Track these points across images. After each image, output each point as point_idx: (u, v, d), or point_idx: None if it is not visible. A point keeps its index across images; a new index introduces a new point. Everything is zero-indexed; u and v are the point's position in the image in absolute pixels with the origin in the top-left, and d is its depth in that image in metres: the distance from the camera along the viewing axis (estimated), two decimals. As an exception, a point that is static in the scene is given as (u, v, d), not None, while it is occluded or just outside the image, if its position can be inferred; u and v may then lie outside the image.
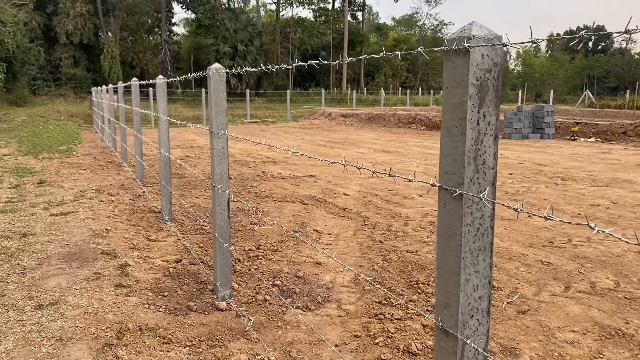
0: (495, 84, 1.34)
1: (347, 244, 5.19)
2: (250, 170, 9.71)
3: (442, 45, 1.38)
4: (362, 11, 63.40)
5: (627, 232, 5.61)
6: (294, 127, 23.42)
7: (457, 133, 1.34)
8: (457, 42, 1.31)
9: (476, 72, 1.31)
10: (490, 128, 1.35)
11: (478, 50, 1.30)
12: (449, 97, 1.36)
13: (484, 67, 1.32)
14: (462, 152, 1.33)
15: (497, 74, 1.34)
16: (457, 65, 1.33)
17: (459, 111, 1.33)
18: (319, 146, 14.70)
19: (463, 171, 1.33)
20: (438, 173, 1.43)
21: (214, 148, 3.59)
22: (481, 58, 1.31)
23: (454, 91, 1.34)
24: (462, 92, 1.32)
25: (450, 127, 1.36)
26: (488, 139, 1.35)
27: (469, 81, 1.30)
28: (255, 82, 48.54)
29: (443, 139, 1.39)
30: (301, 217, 6.16)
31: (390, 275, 4.34)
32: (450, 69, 1.35)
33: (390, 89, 51.94)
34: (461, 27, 1.34)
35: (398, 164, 10.91)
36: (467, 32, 1.30)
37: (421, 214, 6.40)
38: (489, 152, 1.36)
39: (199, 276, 4.23)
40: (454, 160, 1.36)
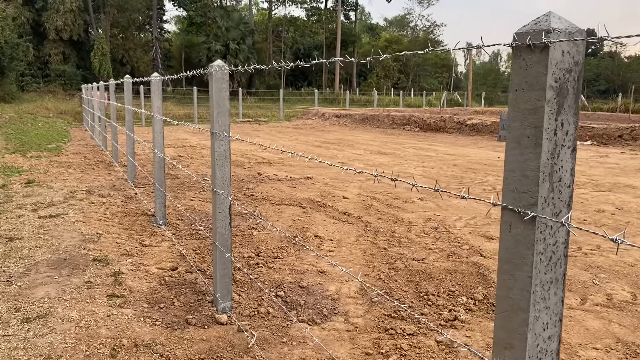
0: (575, 87, 1.13)
1: (350, 251, 4.98)
2: (246, 172, 9.47)
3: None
4: (354, 11, 63.24)
5: (638, 240, 5.45)
6: (288, 127, 23.18)
7: (529, 144, 1.13)
8: (531, 36, 1.10)
9: (555, 73, 1.10)
10: (568, 139, 1.14)
11: (558, 46, 1.09)
12: (518, 101, 1.15)
13: (564, 66, 1.10)
14: (536, 167, 1.12)
15: (577, 75, 1.13)
16: (531, 63, 1.11)
17: (532, 118, 1.12)
18: (314, 147, 14.48)
19: (537, 190, 1.12)
20: (502, 191, 1.21)
21: (216, 151, 3.36)
22: (561, 56, 1.10)
23: (526, 94, 1.13)
24: (537, 95, 1.11)
25: (519, 137, 1.15)
26: (565, 152, 1.14)
27: (547, 83, 1.09)
28: (247, 81, 48.21)
29: (510, 151, 1.18)
30: (301, 222, 5.94)
31: (397, 285, 4.13)
32: (521, 69, 1.14)
33: (383, 89, 51.81)
34: (534, 19, 1.13)
35: (396, 166, 10.72)
36: (544, 24, 1.09)
37: (424, 219, 6.20)
38: (566, 168, 1.15)
39: (196, 286, 3.99)
40: (524, 177, 1.14)
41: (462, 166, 10.77)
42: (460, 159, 12.07)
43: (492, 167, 10.71)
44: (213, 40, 46.19)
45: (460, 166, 10.77)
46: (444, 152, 13.46)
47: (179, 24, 60.78)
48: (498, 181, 8.89)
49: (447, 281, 4.20)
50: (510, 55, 19.58)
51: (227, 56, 45.06)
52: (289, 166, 10.34)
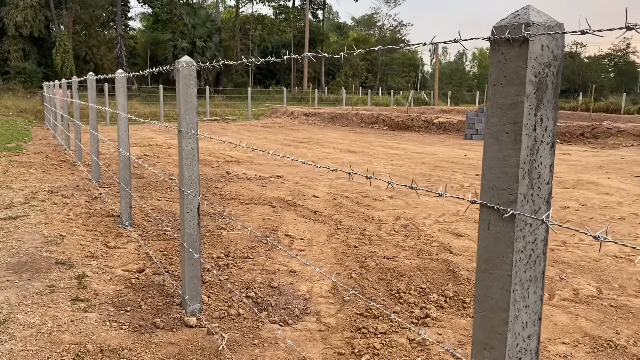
0: (555, 82, 1.11)
1: (321, 250, 4.94)
2: (214, 171, 9.33)
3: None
4: (322, 10, 63.28)
5: (601, 236, 5.57)
6: (256, 125, 23.02)
7: (508, 140, 1.11)
8: (510, 29, 1.08)
9: (535, 67, 1.08)
10: (547, 135, 1.12)
11: (538, 40, 1.07)
12: (497, 96, 1.12)
13: (543, 60, 1.09)
14: (515, 164, 1.10)
15: (557, 70, 1.11)
16: (510, 58, 1.09)
17: (511, 114, 1.10)
18: (283, 145, 14.40)
19: (516, 187, 1.10)
20: (480, 188, 1.19)
21: (183, 149, 3.27)
22: (540, 50, 1.08)
23: (505, 90, 1.11)
24: (516, 90, 1.09)
25: (498, 132, 1.13)
26: (545, 148, 1.13)
27: (526, 78, 1.07)
28: (214, 78, 47.69)
29: (488, 148, 1.16)
30: (271, 221, 5.87)
31: (369, 284, 4.11)
32: (500, 63, 1.11)
33: (352, 88, 52.02)
34: (513, 12, 1.11)
35: (365, 164, 10.74)
36: (523, 18, 1.07)
37: (393, 217, 6.22)
38: (546, 164, 1.14)
39: (164, 288, 3.89)
40: (504, 173, 1.12)
41: (430, 164, 10.87)
42: (428, 157, 12.18)
43: (459, 164, 10.84)
44: (179, 37, 45.54)
45: (428, 164, 10.87)
46: (412, 151, 13.57)
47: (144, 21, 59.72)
48: (465, 179, 9.00)
49: (418, 279, 4.21)
50: (474, 55, 19.82)
51: (194, 54, 44.48)
52: (258, 165, 10.25)
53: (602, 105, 34.01)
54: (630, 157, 12.73)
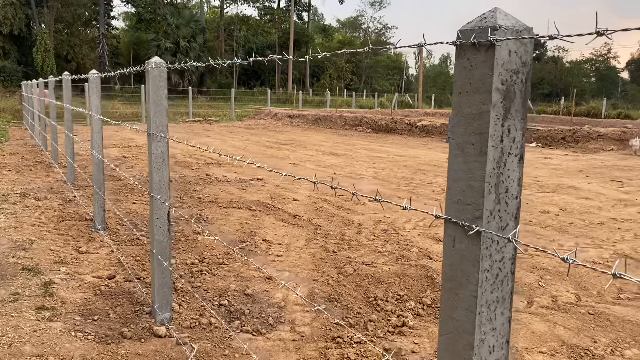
0: (523, 90, 1.04)
1: (299, 255, 4.85)
2: (193, 173, 9.19)
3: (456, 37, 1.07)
4: (307, 12, 63.23)
5: (580, 241, 5.56)
6: (239, 127, 22.86)
7: (473, 152, 1.03)
8: (476, 33, 1.01)
9: (502, 74, 1.00)
10: (515, 147, 1.05)
11: (505, 45, 0.99)
12: (462, 105, 1.05)
13: (511, 67, 1.01)
14: (481, 177, 1.02)
15: (525, 77, 1.04)
16: (476, 64, 1.02)
17: (477, 124, 1.02)
18: (265, 147, 14.28)
19: (482, 202, 1.03)
20: (445, 201, 1.11)
21: (153, 153, 3.17)
22: (508, 55, 1.00)
23: (471, 98, 1.03)
24: (483, 99, 1.01)
25: (463, 144, 1.05)
26: (512, 161, 1.05)
27: (493, 85, 0.99)
28: (198, 79, 47.34)
29: (453, 159, 1.08)
30: (249, 225, 5.77)
31: (346, 291, 4.03)
32: (465, 69, 1.04)
33: (336, 90, 52.04)
34: (480, 15, 1.04)
35: (348, 167, 10.68)
36: (490, 21, 0.99)
37: (374, 221, 6.15)
38: (513, 177, 1.06)
39: (134, 296, 3.77)
40: (469, 187, 1.05)
41: (412, 167, 10.84)
42: (410, 160, 12.16)
43: (441, 168, 10.83)
44: (163, 37, 45.13)
45: (410, 167, 10.84)
46: (394, 154, 13.55)
47: (128, 20, 59.11)
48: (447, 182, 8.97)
49: (396, 285, 4.14)
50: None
51: (178, 54, 44.14)
52: (238, 167, 10.13)
53: (584, 110, 34.43)
54: (609, 161, 12.85)
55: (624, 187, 8.98)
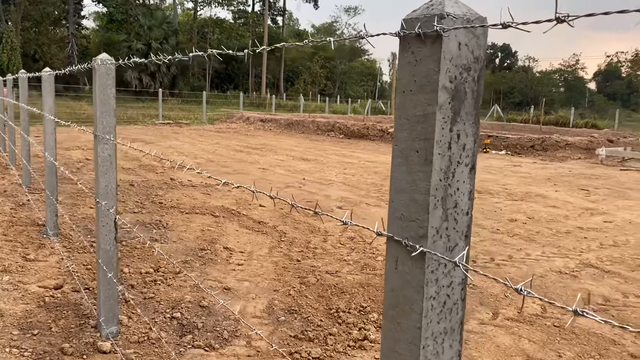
0: (475, 90, 0.90)
1: (261, 264, 4.67)
2: (157, 177, 8.92)
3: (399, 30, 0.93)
4: (282, 16, 63.14)
5: (547, 250, 5.52)
6: (210, 130, 22.53)
7: (417, 161, 0.89)
8: (421, 22, 0.86)
9: (450, 70, 0.86)
10: (465, 155, 0.91)
11: (454, 36, 0.85)
12: (406, 106, 0.91)
13: (460, 62, 0.87)
14: (426, 190, 0.88)
15: (478, 75, 0.90)
16: (421, 58, 0.87)
17: (422, 128, 0.88)
18: (235, 151, 14.05)
19: (427, 218, 0.88)
20: (387, 216, 0.97)
21: (99, 155, 2.96)
22: (457, 49, 0.86)
23: (415, 98, 0.89)
24: (428, 99, 0.87)
25: (406, 150, 0.91)
26: (462, 171, 0.91)
27: (440, 83, 0.85)
28: (170, 81, 46.72)
29: (396, 168, 0.94)
30: (210, 232, 5.56)
31: (307, 302, 3.87)
32: (409, 65, 0.90)
33: (310, 95, 51.97)
34: (427, 2, 0.89)
35: (317, 172, 10.53)
36: (437, 8, 0.85)
37: (341, 229, 6.01)
38: (463, 190, 0.92)
39: (80, 308, 3.55)
40: (412, 201, 0.90)
41: (382, 174, 10.76)
42: (381, 166, 12.09)
43: (411, 175, 10.76)
44: (134, 38, 44.44)
45: (380, 174, 10.75)
46: (365, 160, 13.47)
47: (98, 20, 58.04)
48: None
49: (359, 296, 4.00)
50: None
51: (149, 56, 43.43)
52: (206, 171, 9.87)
53: (552, 119, 35.02)
54: (577, 169, 13.00)
55: (591, 195, 9.05)
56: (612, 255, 5.38)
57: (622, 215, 7.40)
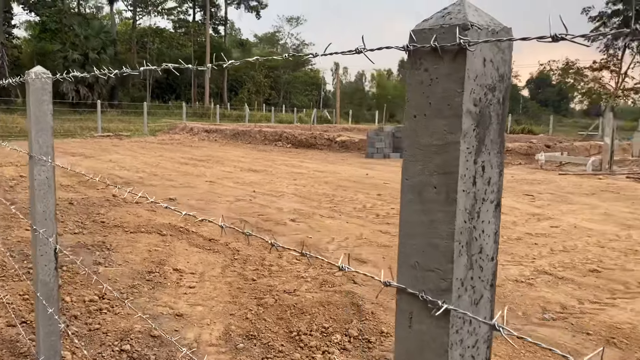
0: (500, 114, 0.77)
1: (214, 286, 4.43)
2: (98, 194, 8.46)
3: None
4: (224, 26, 62.50)
5: (501, 258, 5.55)
6: (152, 142, 21.84)
7: (437, 199, 0.75)
8: (438, 34, 0.72)
9: (475, 91, 0.72)
10: (491, 190, 0.77)
11: (479, 51, 0.71)
12: (419, 133, 0.76)
13: (485, 81, 0.74)
14: (449, 234, 0.73)
15: (502, 96, 0.77)
16: (439, 77, 0.73)
17: (441, 160, 0.74)
18: (180, 164, 13.62)
19: (450, 268, 0.74)
20: (397, 264, 0.82)
21: (35, 179, 2.67)
22: (482, 66, 0.73)
23: (430, 123, 0.75)
24: (449, 125, 0.73)
25: (420, 186, 0.76)
26: (488, 209, 0.78)
27: (464, 107, 0.71)
28: (109, 92, 45.16)
29: (407, 206, 0.79)
30: (158, 253, 5.26)
31: (266, 326, 3.68)
32: (421, 85, 0.75)
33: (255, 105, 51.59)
34: (441, 11, 0.75)
35: (267, 184, 10.32)
36: (457, 17, 0.71)
37: (296, 243, 5.84)
38: (489, 232, 0.78)
39: (17, 345, 3.21)
40: (431, 246, 0.76)
41: (333, 183, 10.67)
42: (331, 176, 12.01)
43: (361, 184, 10.74)
44: (70, 48, 42.71)
45: (331, 183, 10.66)
46: (315, 169, 13.36)
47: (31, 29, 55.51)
48: (367, 199, 8.85)
49: (321, 316, 3.84)
50: (373, 75, 19.75)
51: (86, 66, 41.86)
52: (150, 186, 9.48)
53: (491, 125, 36.19)
54: (519, 175, 13.37)
55: (535, 200, 9.28)
56: (563, 261, 5.46)
57: (567, 219, 7.60)
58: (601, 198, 9.72)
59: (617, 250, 5.86)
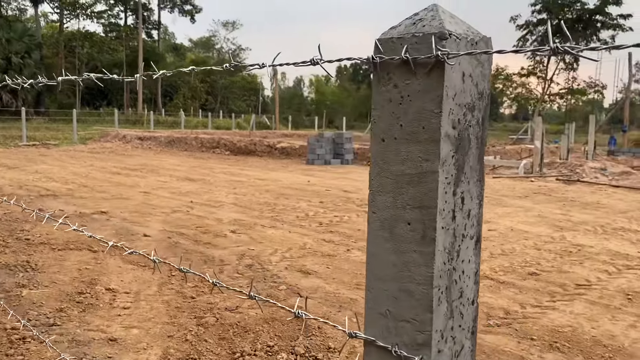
0: (479, 136, 0.67)
1: (150, 306, 4.18)
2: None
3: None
4: (157, 30, 60.98)
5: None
6: (82, 150, 20.87)
7: (410, 237, 0.64)
8: (409, 45, 0.61)
9: (453, 111, 0.62)
10: (471, 224, 0.68)
11: (458, 65, 0.61)
12: (388, 160, 0.65)
13: (464, 100, 0.64)
14: (427, 279, 0.63)
15: (482, 116, 0.67)
16: (410, 94, 0.62)
17: (416, 192, 0.63)
18: (112, 174, 13.03)
19: (429, 318, 0.63)
20: (364, 312, 0.70)
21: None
22: (461, 81, 0.63)
23: (402, 149, 0.64)
24: (424, 152, 0.62)
25: (391, 221, 0.65)
26: (468, 246, 0.67)
27: (442, 130, 0.61)
28: (35, 98, 42.98)
29: (375, 244, 0.67)
30: (89, 272, 4.93)
31: (208, 347, 3.48)
32: (390, 103, 0.64)
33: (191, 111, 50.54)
34: (410, 17, 0.64)
35: (205, 193, 10.02)
36: (431, 25, 0.61)
37: (237, 256, 5.65)
38: (469, 272, 0.68)
39: None
40: (405, 293, 0.64)
41: (275, 192, 10.52)
42: (272, 184, 11.84)
43: (303, 191, 10.65)
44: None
45: (272, 192, 10.50)
46: (255, 177, 13.15)
47: (-54, 31, 51.96)
48: (310, 207, 8.76)
49: (265, 334, 3.68)
50: (311, 81, 19.74)
51: (9, 71, 39.60)
52: (79, 199, 8.97)
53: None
54: (456, 179, 13.69)
55: (473, 204, 9.50)
56: (503, 264, 5.56)
57: (504, 222, 7.80)
58: (534, 200, 10.09)
59: (553, 252, 6.05)
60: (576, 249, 6.21)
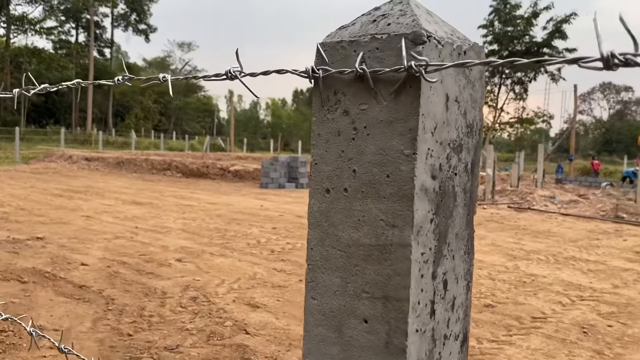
0: (469, 190, 0.46)
1: (81, 345, 3.78)
2: (-52, 233, 7.28)
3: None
4: (110, 48, 59.73)
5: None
6: (24, 171, 19.86)
7: (366, 341, 0.42)
8: (365, 50, 0.39)
9: (433, 152, 0.40)
10: (455, 318, 0.46)
11: (440, 83, 0.40)
12: (334, 220, 0.43)
13: (449, 136, 0.42)
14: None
15: (472, 160, 0.46)
16: (368, 125, 0.41)
17: (376, 273, 0.42)
18: (53, 196, 12.34)
19: None
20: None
21: None
22: (444, 107, 0.41)
23: (356, 207, 0.43)
24: (391, 212, 0.41)
25: (338, 315, 0.43)
26: (451, 351, 0.46)
27: (417, 180, 0.39)
28: (-24, 116, 41.05)
29: (312, 349, 0.44)
30: (15, 306, 4.47)
31: (142, 393, 3.14)
32: (337, 136, 0.43)
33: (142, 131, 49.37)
34: (369, 12, 0.43)
35: (152, 218, 9.56)
36: (403, 22, 0.39)
37: (181, 287, 5.29)
38: (453, 389, 0.46)
39: None
40: None
41: (226, 217, 10.16)
42: (223, 208, 11.47)
43: (255, 216, 10.33)
44: None
45: (223, 217, 10.13)
46: (206, 201, 12.73)
47: None
48: (262, 233, 8.46)
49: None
50: (267, 104, 19.67)
51: (-52, 86, 37.78)
52: (14, 223, 8.37)
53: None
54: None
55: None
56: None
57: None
58: (487, 228, 10.11)
59: (507, 282, 5.97)
60: (530, 279, 6.15)
